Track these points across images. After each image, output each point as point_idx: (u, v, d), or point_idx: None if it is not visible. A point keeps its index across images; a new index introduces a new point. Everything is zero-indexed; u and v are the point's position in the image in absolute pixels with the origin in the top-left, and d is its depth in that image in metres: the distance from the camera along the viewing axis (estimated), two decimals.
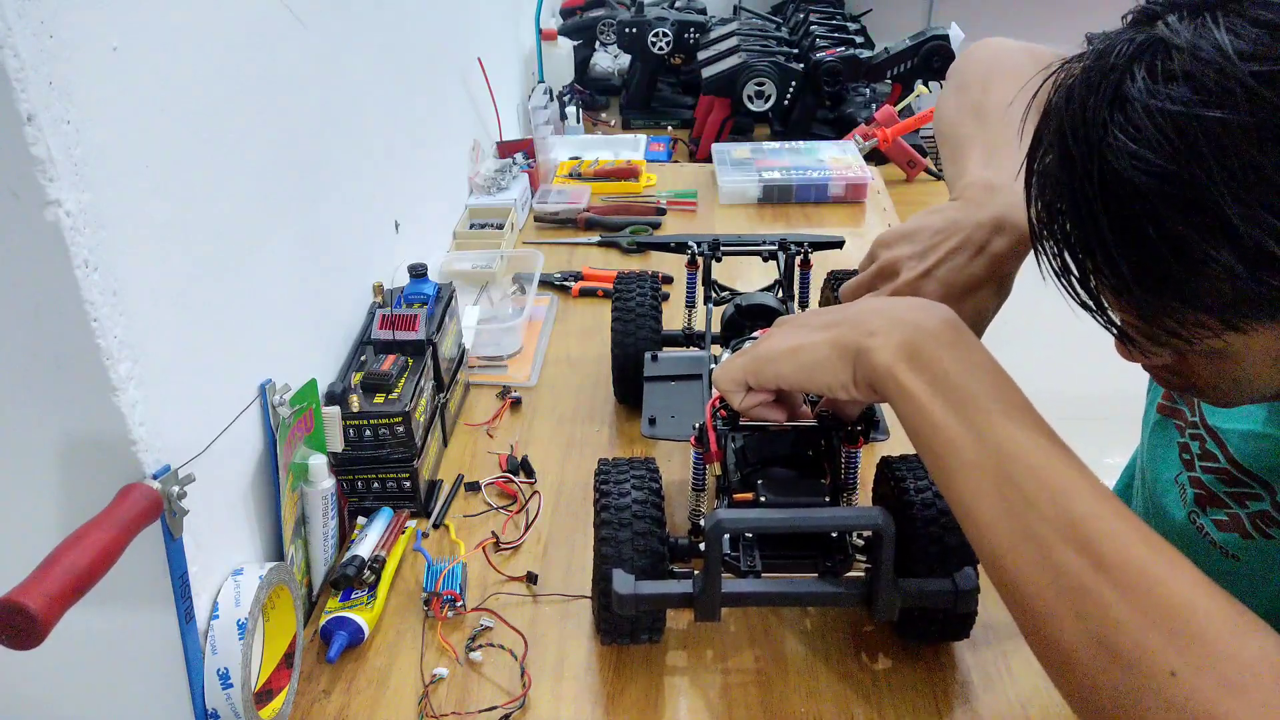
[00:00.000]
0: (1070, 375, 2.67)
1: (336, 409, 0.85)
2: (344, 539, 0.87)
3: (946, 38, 1.85)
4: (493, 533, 0.91)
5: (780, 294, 0.99)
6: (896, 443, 0.84)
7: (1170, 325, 0.51)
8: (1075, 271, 0.53)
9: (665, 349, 1.03)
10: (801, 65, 1.87)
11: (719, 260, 1.02)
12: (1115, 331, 0.57)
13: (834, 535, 0.75)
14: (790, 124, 1.93)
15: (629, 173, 1.63)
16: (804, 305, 1.02)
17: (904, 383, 0.59)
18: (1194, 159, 0.45)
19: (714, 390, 0.71)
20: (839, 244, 1.06)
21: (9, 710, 0.72)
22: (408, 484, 0.92)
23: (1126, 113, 0.47)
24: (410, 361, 0.94)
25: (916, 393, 0.58)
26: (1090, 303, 0.54)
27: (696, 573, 0.70)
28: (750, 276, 1.29)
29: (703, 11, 2.23)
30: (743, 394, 0.69)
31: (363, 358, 0.96)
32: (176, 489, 0.63)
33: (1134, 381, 0.85)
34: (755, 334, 0.78)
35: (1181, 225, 0.46)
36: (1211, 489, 0.72)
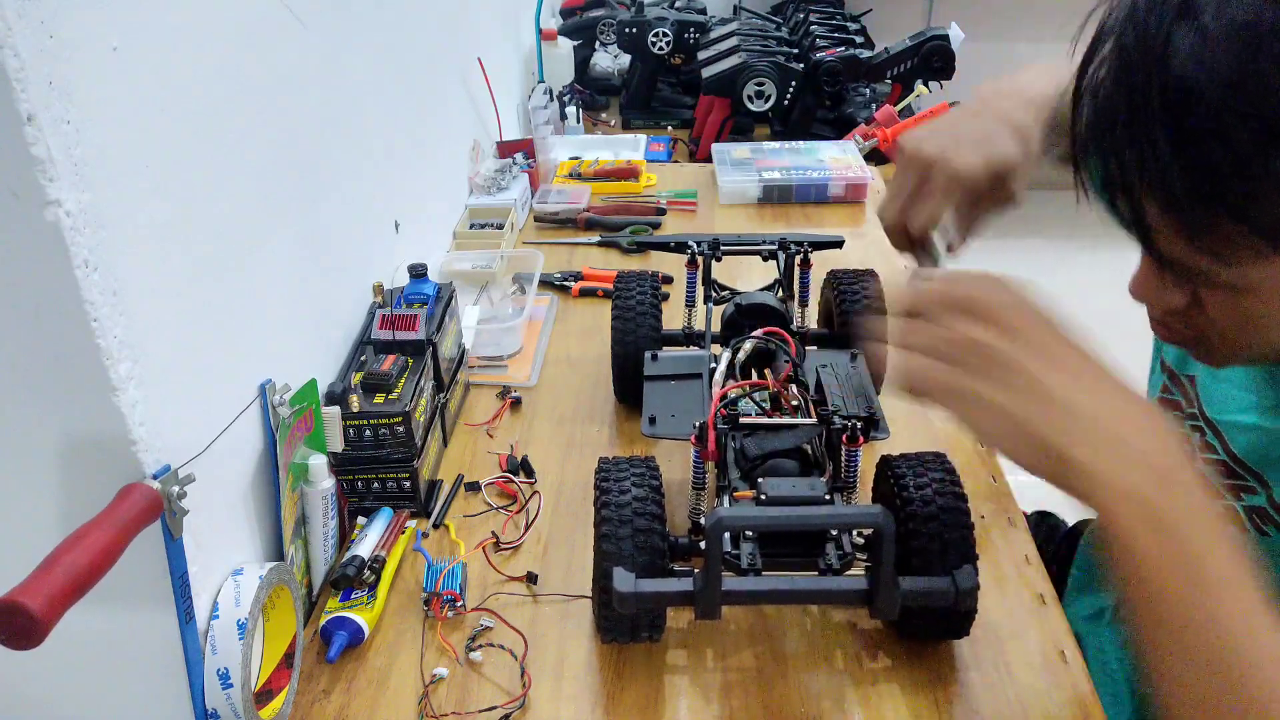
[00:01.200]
0: None
1: (336, 409, 0.85)
2: (344, 539, 0.87)
3: (946, 38, 1.85)
4: (493, 533, 0.91)
5: (780, 293, 0.99)
6: (897, 441, 0.85)
7: (1213, 245, 0.49)
8: (1120, 184, 0.52)
9: (665, 348, 1.03)
10: (801, 65, 1.87)
11: (719, 260, 1.02)
12: (1151, 252, 0.54)
13: (834, 533, 0.75)
14: (790, 124, 1.93)
15: (629, 173, 1.63)
16: (804, 305, 1.02)
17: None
18: (1257, 67, 0.45)
19: (718, 389, 0.71)
20: (839, 244, 1.06)
21: (9, 710, 0.72)
22: (408, 484, 0.92)
23: (1195, 20, 0.47)
24: (410, 361, 0.94)
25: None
26: (1130, 218, 0.52)
27: (697, 571, 0.70)
28: (750, 276, 1.29)
29: (703, 11, 2.23)
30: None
31: (363, 358, 0.96)
32: (176, 489, 0.63)
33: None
34: (755, 333, 0.78)
35: (1241, 134, 0.46)
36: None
